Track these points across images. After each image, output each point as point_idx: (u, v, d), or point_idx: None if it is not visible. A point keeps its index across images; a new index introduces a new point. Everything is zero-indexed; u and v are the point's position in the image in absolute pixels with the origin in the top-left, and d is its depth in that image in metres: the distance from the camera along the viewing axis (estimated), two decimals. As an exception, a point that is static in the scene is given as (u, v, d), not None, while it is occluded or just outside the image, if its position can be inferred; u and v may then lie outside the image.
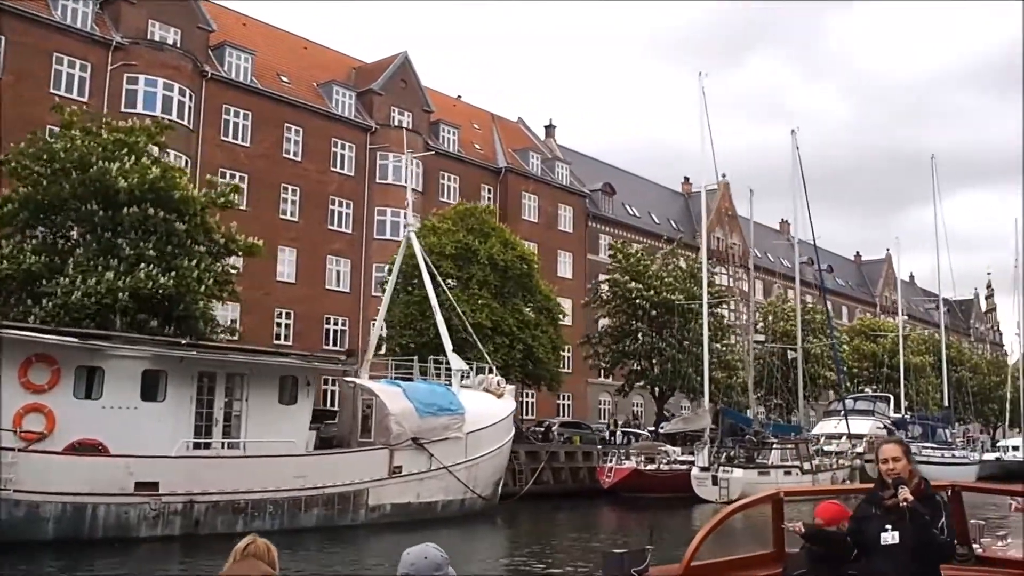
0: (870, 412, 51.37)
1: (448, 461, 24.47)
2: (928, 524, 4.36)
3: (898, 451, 4.61)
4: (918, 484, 4.54)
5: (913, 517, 4.35)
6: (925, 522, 4.35)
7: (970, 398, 66.61)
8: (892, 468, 4.54)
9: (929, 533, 4.36)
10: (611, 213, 65.18)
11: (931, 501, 4.50)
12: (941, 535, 4.41)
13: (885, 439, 5.24)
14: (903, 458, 4.57)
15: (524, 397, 56.16)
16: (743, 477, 33.14)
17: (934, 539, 4.37)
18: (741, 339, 42.74)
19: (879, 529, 4.48)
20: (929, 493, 4.55)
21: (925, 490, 4.54)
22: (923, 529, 4.35)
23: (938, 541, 4.39)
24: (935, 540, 4.38)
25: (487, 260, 35.32)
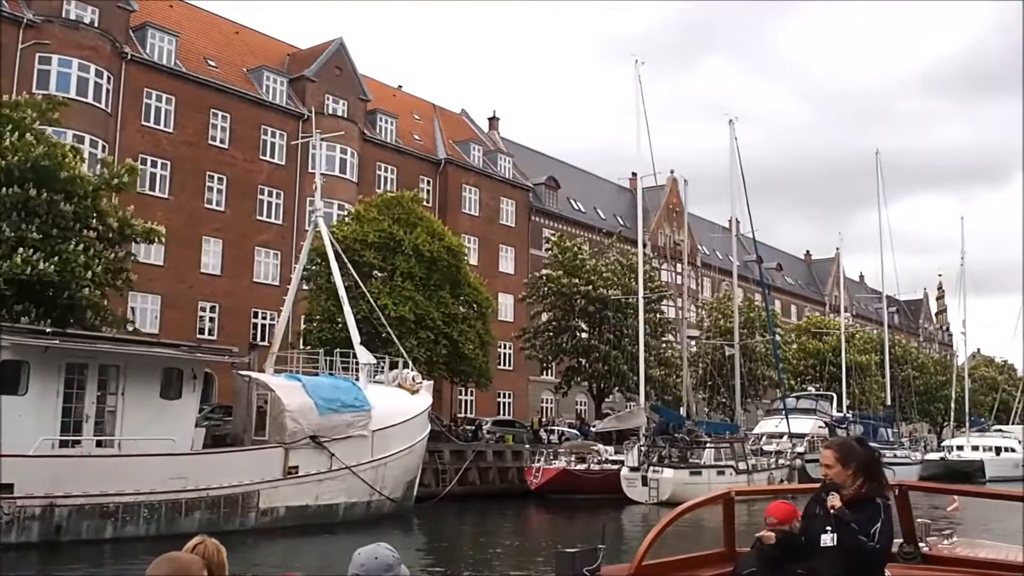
0: (812, 411, 50.55)
1: (351, 461, 22.95)
2: (855, 531, 4.36)
3: (832, 457, 4.59)
4: (859, 487, 4.52)
5: (839, 524, 4.38)
6: (852, 529, 4.36)
7: (913, 397, 66.11)
8: (826, 473, 4.59)
9: (855, 539, 4.36)
10: (555, 207, 63.93)
11: (869, 505, 4.47)
12: (871, 540, 4.38)
13: (827, 442, 5.15)
14: (836, 464, 4.55)
15: (463, 395, 54.82)
16: (673, 477, 31.97)
17: (861, 546, 4.36)
18: (699, 338, 41.50)
19: (820, 530, 4.48)
20: (869, 497, 4.50)
21: (867, 493, 4.51)
22: (850, 536, 4.37)
23: (864, 548, 4.37)
24: (861, 547, 4.36)
25: (412, 251, 33.82)
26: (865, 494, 4.52)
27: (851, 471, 4.56)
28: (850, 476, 4.56)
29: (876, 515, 4.47)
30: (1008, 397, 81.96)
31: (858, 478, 4.56)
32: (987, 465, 55.41)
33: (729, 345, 43.99)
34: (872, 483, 4.58)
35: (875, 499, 4.54)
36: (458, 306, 35.85)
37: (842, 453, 4.63)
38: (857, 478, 4.56)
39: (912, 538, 5.52)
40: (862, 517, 4.43)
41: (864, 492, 4.52)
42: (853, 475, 4.56)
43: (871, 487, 4.56)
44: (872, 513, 4.47)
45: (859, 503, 4.48)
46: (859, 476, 4.56)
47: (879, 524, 4.43)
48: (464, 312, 35.62)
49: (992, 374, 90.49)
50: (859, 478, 4.56)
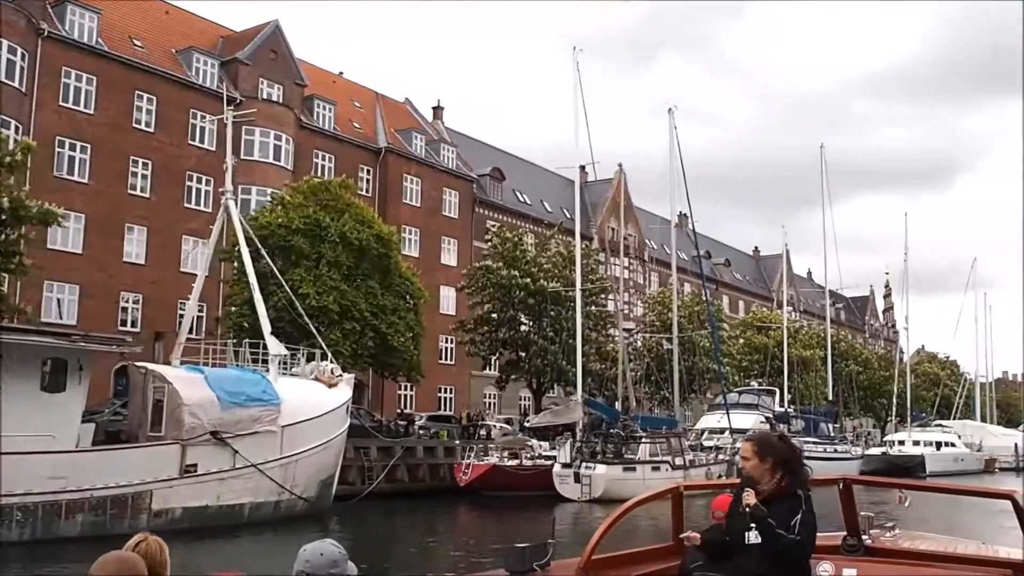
0: (754, 406, 49.96)
1: (258, 458, 21.58)
2: (772, 526, 4.34)
3: (749, 450, 4.61)
4: (778, 481, 4.49)
5: (757, 520, 4.37)
6: (769, 524, 4.35)
7: (854, 393, 65.92)
8: (743, 466, 4.60)
9: (772, 535, 4.35)
10: (500, 199, 62.73)
11: (789, 499, 4.45)
12: (791, 533, 4.36)
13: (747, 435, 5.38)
14: (754, 457, 4.55)
15: (401, 390, 53.52)
16: (606, 474, 30.95)
17: (780, 540, 4.35)
18: (635, 331, 40.45)
19: (745, 527, 4.46)
20: (789, 491, 4.47)
21: (786, 487, 4.48)
22: (768, 531, 4.36)
23: (784, 542, 4.35)
24: (781, 541, 4.35)
25: (339, 238, 32.44)
26: (785, 488, 4.47)
27: (769, 465, 4.52)
28: (768, 470, 4.52)
29: (796, 508, 4.42)
30: (950, 393, 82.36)
31: (777, 472, 4.52)
32: (927, 460, 55.23)
33: (668, 338, 43.02)
34: (791, 476, 4.53)
35: (795, 492, 4.47)
36: (389, 297, 34.56)
37: (760, 446, 4.61)
38: (776, 472, 4.52)
39: (855, 531, 5.58)
40: (782, 511, 4.40)
41: (784, 486, 4.47)
42: (771, 469, 4.52)
43: (790, 481, 4.51)
44: (792, 506, 4.42)
45: (779, 497, 4.44)
46: (778, 470, 4.52)
47: (799, 516, 4.39)
48: (394, 303, 34.30)
49: (935, 370, 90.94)
50: (778, 472, 4.52)
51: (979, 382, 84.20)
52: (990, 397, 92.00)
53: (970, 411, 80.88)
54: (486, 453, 32.93)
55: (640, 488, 32.41)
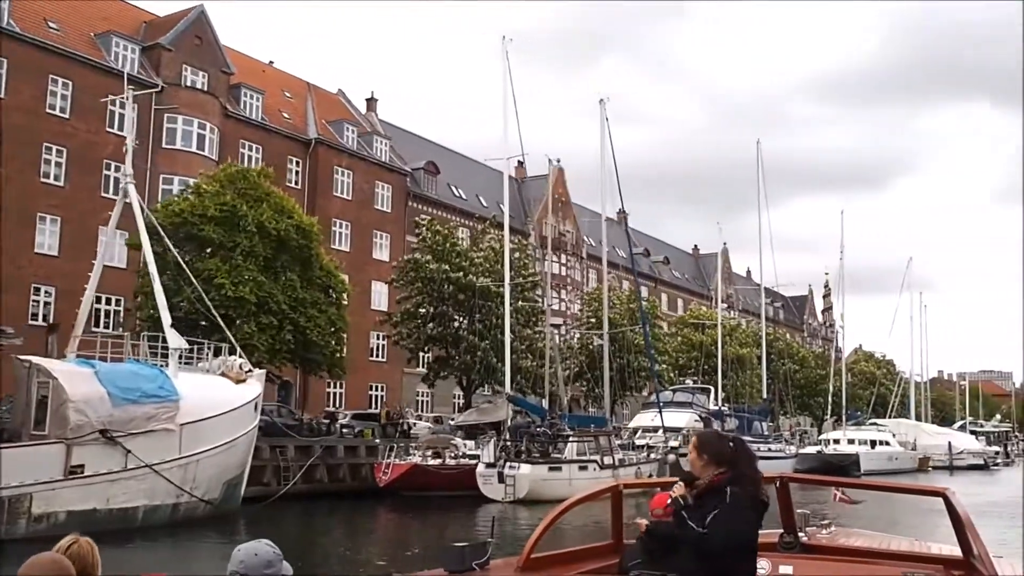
0: (689, 404, 49.44)
1: (153, 458, 20.27)
2: (684, 519, 4.43)
3: (692, 445, 4.75)
4: (712, 477, 4.55)
5: (674, 512, 4.50)
6: (680, 516, 4.46)
7: (790, 392, 65.84)
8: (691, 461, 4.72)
9: (683, 526, 4.43)
10: (434, 193, 61.58)
11: (716, 495, 4.47)
12: (701, 527, 4.38)
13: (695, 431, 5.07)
14: (693, 452, 4.68)
15: (331, 387, 52.19)
16: (530, 474, 30.01)
17: (686, 533, 4.43)
18: (562, 327, 39.45)
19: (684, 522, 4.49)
20: (719, 488, 4.49)
21: (717, 484, 4.51)
22: (679, 523, 4.45)
23: (690, 535, 4.41)
24: (687, 534, 4.43)
25: (257, 228, 31.09)
26: (715, 484, 4.53)
27: (704, 461, 4.61)
28: (704, 466, 4.61)
29: (718, 504, 4.43)
30: (886, 392, 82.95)
31: (712, 468, 4.59)
32: (862, 458, 55.19)
33: (599, 335, 42.25)
34: (726, 475, 4.56)
35: (723, 489, 4.50)
36: (310, 290, 33.30)
37: (700, 442, 4.71)
38: (711, 468, 4.59)
39: (792, 529, 5.66)
40: (708, 506, 4.44)
41: (714, 482, 4.54)
42: (707, 465, 4.60)
43: (723, 478, 4.55)
44: (716, 502, 4.45)
45: (709, 493, 4.50)
46: (712, 467, 4.59)
47: (716, 511, 4.41)
48: (314, 297, 33.04)
49: (871, 369, 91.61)
50: (713, 468, 4.59)
51: (914, 381, 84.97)
52: (925, 396, 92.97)
53: (905, 410, 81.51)
54: (407, 452, 31.76)
55: (566, 489, 31.57)
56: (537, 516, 29.41)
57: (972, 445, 75.59)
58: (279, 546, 3.31)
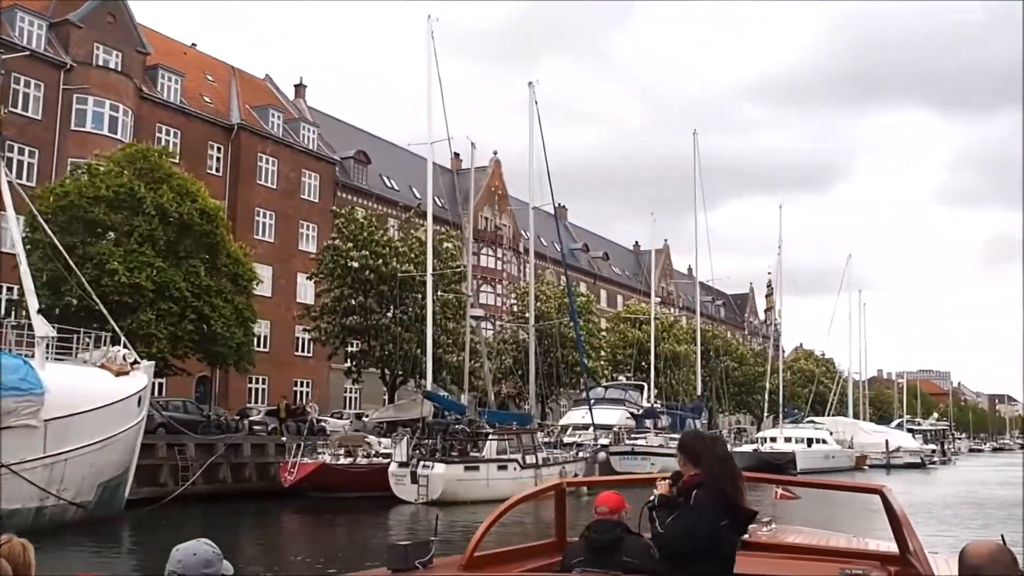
0: (621, 401, 48.17)
1: (11, 457, 18.29)
2: (652, 519, 4.47)
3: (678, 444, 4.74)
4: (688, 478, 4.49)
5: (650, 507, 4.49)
6: (649, 513, 4.50)
7: (727, 389, 64.98)
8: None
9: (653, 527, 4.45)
10: (365, 184, 59.67)
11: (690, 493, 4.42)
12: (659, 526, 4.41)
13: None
14: (679, 453, 4.65)
15: (253, 383, 50.12)
16: (445, 473, 28.34)
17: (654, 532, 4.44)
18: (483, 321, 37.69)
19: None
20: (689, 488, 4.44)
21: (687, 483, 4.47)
22: (651, 523, 4.48)
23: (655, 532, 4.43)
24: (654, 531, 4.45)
25: (156, 211, 29.05)
26: (687, 484, 4.49)
27: (682, 460, 4.59)
28: (683, 466, 4.58)
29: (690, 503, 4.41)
30: (825, 390, 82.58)
31: (688, 468, 4.54)
32: (798, 457, 54.37)
33: (523, 327, 40.74)
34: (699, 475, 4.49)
35: (692, 489, 4.45)
36: (217, 278, 31.34)
37: (680, 443, 4.73)
38: (688, 468, 4.55)
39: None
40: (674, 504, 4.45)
41: (687, 482, 4.49)
42: (684, 465, 4.58)
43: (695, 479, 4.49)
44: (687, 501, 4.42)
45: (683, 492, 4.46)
46: (689, 467, 4.54)
47: (678, 511, 4.40)
48: (220, 285, 31.07)
49: (810, 367, 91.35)
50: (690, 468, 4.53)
51: (852, 379, 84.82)
52: (864, 394, 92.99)
53: (844, 408, 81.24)
54: (315, 450, 29.91)
55: (484, 490, 30.02)
56: (451, 519, 27.89)
57: (909, 443, 75.48)
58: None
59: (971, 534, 20.58)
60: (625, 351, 62.30)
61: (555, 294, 54.84)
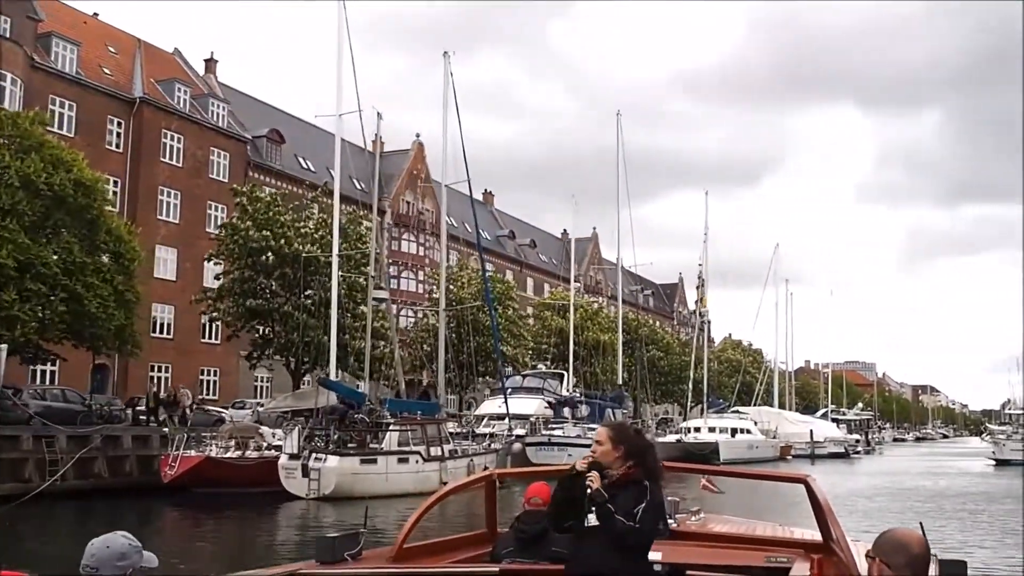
0: (539, 390, 46.56)
1: None
2: (610, 512, 4.28)
3: (604, 435, 4.56)
4: (627, 469, 4.45)
5: (596, 504, 4.32)
6: (607, 510, 4.29)
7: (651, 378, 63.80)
8: (593, 451, 4.50)
9: (611, 520, 4.28)
10: (278, 164, 57.16)
11: (634, 487, 4.40)
12: (631, 521, 4.27)
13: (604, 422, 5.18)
14: (607, 443, 4.49)
15: (156, 372, 47.52)
16: (339, 467, 26.33)
17: (614, 526, 4.28)
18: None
19: (587, 510, 4.37)
20: (637, 478, 4.43)
21: (633, 475, 4.44)
22: (605, 516, 4.30)
23: (621, 528, 4.27)
24: (615, 527, 4.28)
25: (21, 182, 26.54)
26: (631, 476, 4.45)
27: (620, 452, 4.48)
28: (619, 457, 4.47)
29: (641, 497, 4.38)
30: (752, 380, 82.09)
31: (627, 460, 4.48)
32: (721, 447, 53.43)
33: (433, 311, 38.87)
34: (641, 467, 4.49)
35: (642, 481, 4.45)
36: (97, 256, 28.92)
37: (615, 433, 4.59)
38: (626, 460, 4.48)
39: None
40: (627, 498, 4.36)
41: (631, 474, 4.45)
42: (622, 457, 4.48)
43: (639, 471, 4.48)
44: (637, 495, 4.38)
45: (623, 484, 4.41)
46: (628, 459, 4.48)
47: (643, 505, 4.35)
48: (98, 263, 28.64)
49: (738, 356, 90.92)
50: (628, 460, 4.48)
51: (778, 369, 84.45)
52: (790, 384, 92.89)
53: (771, 398, 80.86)
54: (200, 443, 27.67)
55: (382, 484, 28.03)
56: (345, 515, 25.99)
57: (834, 433, 75.28)
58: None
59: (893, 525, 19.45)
60: (549, 339, 60.74)
61: (475, 279, 53.03)
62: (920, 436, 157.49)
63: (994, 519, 25.57)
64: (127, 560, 3.08)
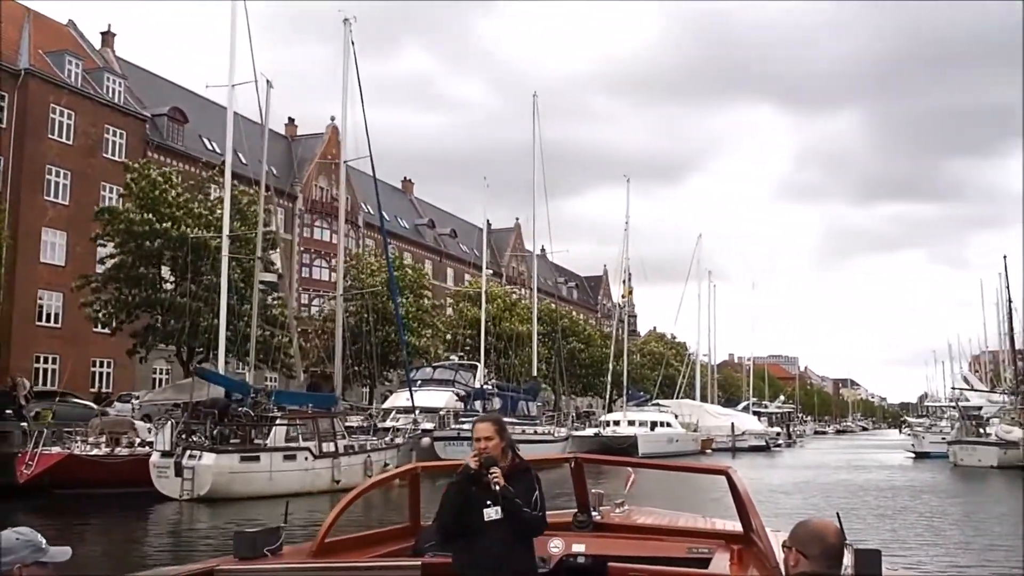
0: (451, 382, 44.58)
1: None
2: (519, 505, 4.39)
3: (491, 430, 4.58)
4: (512, 460, 4.57)
5: (505, 499, 4.38)
6: (516, 504, 4.39)
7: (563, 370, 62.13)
8: (484, 447, 4.52)
9: (519, 512, 4.39)
10: (181, 145, 54.21)
11: (525, 476, 4.54)
12: (532, 510, 4.45)
13: (480, 417, 5.25)
14: (496, 436, 4.54)
15: (41, 363, 44.55)
16: (215, 465, 24.03)
17: (523, 517, 4.41)
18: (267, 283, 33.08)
19: (482, 505, 4.42)
20: (524, 468, 4.58)
21: (519, 465, 4.58)
22: (515, 509, 4.39)
23: (526, 518, 4.43)
24: (523, 518, 4.41)
25: None
26: (518, 466, 4.55)
27: (505, 443, 4.55)
28: (504, 449, 4.55)
29: (532, 485, 4.51)
30: (675, 372, 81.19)
31: (508, 451, 4.58)
32: (640, 441, 52.11)
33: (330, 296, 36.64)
34: (518, 456, 4.63)
35: (528, 469, 4.58)
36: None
37: (499, 426, 4.63)
38: (508, 451, 4.58)
39: (586, 508, 5.77)
40: (520, 488, 4.46)
41: (517, 464, 4.56)
42: (506, 448, 4.56)
43: (520, 460, 4.61)
44: (528, 484, 4.51)
45: (515, 475, 4.50)
46: (509, 449, 4.58)
47: (536, 493, 4.50)
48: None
49: (661, 349, 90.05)
50: (509, 451, 4.58)
51: (700, 361, 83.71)
52: (713, 378, 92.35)
53: (694, 391, 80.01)
54: (63, 439, 25.10)
55: (265, 483, 25.66)
56: (221, 518, 23.75)
57: (755, 426, 74.71)
58: None
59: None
60: (465, 330, 58.78)
61: (385, 267, 50.82)
62: (841, 429, 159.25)
63: (916, 513, 24.52)
64: (13, 555, 3.00)
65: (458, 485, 4.45)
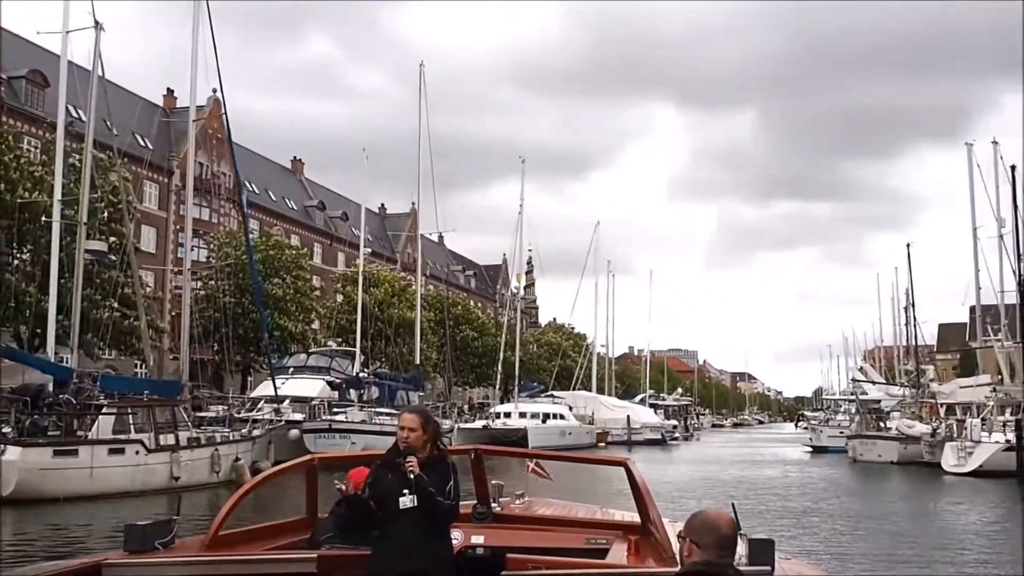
0: (326, 369, 41.63)
1: None
2: (432, 493, 4.49)
3: (416, 421, 4.69)
4: (431, 451, 4.65)
5: (419, 487, 4.47)
6: (430, 492, 4.49)
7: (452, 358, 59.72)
8: (406, 437, 4.65)
9: (433, 501, 4.50)
10: (42, 111, 49.64)
11: (442, 465, 4.64)
12: (448, 499, 4.56)
13: (407, 408, 5.40)
14: (419, 428, 4.64)
15: None
16: (21, 460, 20.68)
17: (437, 506, 4.51)
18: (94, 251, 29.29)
19: (398, 493, 4.50)
20: (441, 458, 4.67)
21: (438, 456, 4.67)
22: (428, 497, 4.49)
23: (441, 508, 4.53)
24: (438, 507, 4.52)
25: None
26: (437, 456, 4.65)
27: (428, 435, 4.65)
28: (426, 441, 4.65)
29: (447, 475, 4.63)
30: (572, 364, 79.38)
31: (429, 442, 4.66)
32: (531, 433, 49.82)
33: (176, 271, 33.43)
34: (439, 447, 4.73)
35: (445, 460, 4.70)
36: None
37: (424, 418, 4.74)
38: (430, 442, 4.67)
39: (485, 499, 5.76)
40: (436, 478, 4.56)
41: (435, 455, 4.65)
42: (429, 439, 4.66)
43: (440, 451, 4.72)
44: (444, 473, 4.62)
45: (432, 465, 4.59)
46: (430, 440, 4.67)
47: (451, 483, 4.62)
48: None
49: (558, 339, 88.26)
50: (430, 442, 4.67)
51: (597, 352, 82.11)
52: (611, 369, 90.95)
53: (591, 383, 78.30)
54: None
55: (85, 481, 22.45)
56: (28, 523, 20.56)
57: (651, 419, 73.22)
58: None
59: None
60: (350, 316, 55.77)
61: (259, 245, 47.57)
62: (738, 422, 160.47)
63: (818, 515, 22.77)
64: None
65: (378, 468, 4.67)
